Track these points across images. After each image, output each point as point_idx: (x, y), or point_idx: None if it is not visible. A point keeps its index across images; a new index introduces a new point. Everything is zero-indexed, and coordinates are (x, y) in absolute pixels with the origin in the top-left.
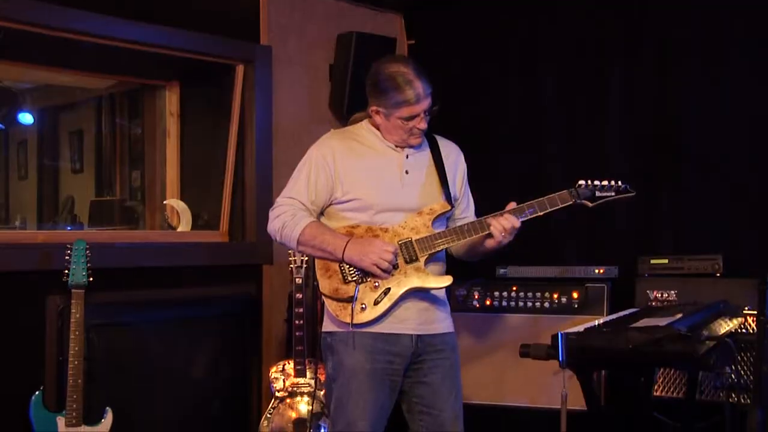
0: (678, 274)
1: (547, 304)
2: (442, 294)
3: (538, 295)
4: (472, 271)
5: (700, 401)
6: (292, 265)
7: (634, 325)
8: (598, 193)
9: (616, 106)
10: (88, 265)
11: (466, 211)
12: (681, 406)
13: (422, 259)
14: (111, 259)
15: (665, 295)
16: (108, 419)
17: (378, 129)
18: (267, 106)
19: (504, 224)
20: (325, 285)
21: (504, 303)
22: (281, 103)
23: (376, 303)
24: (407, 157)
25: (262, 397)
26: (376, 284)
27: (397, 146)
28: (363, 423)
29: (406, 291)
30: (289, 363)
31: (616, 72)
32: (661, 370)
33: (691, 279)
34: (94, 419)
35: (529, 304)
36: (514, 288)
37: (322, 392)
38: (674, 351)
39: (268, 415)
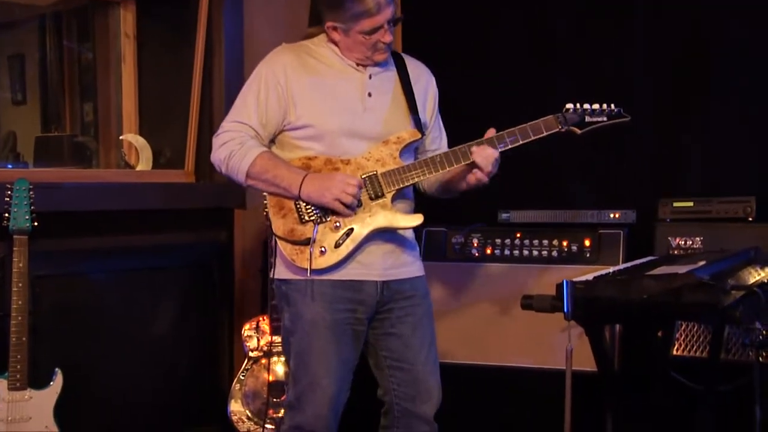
0: (704, 218)
1: (555, 253)
2: (410, 235)
3: (545, 242)
4: (470, 216)
5: (726, 361)
6: (267, 209)
7: (650, 273)
8: (588, 118)
9: (640, 27)
10: (32, 207)
11: (437, 142)
12: (703, 366)
13: (389, 196)
14: (59, 202)
15: (689, 242)
16: (57, 382)
17: (337, 46)
18: (237, 27)
19: (487, 153)
20: (278, 225)
21: (506, 251)
22: (254, 24)
23: (337, 246)
24: (370, 77)
25: (234, 357)
26: (337, 224)
27: (359, 64)
28: (327, 380)
29: (371, 231)
30: (264, 319)
31: None
32: (682, 326)
33: (720, 224)
34: (41, 382)
35: (535, 252)
36: (518, 235)
37: None
38: (695, 302)
39: (241, 377)
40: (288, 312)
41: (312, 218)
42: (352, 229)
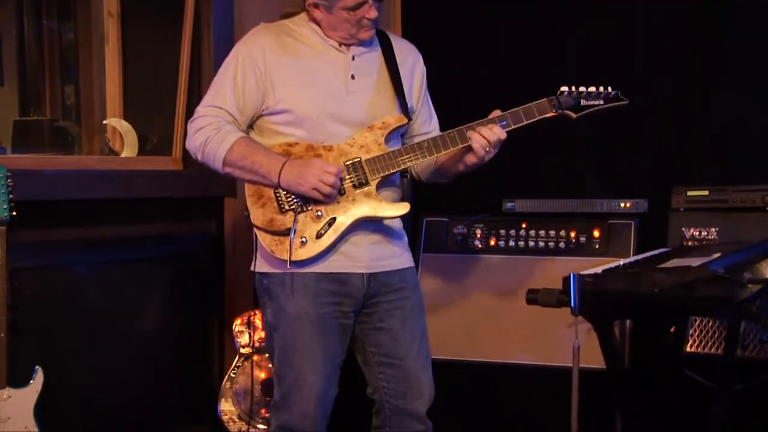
0: (720, 207)
1: (562, 244)
2: (397, 224)
3: (552, 233)
4: (473, 206)
5: (742, 358)
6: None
7: (662, 265)
8: (583, 102)
9: (650, 7)
10: (11, 196)
11: (427, 125)
12: (718, 363)
13: (374, 183)
14: (39, 190)
15: (704, 232)
16: (38, 380)
17: (318, 25)
18: (227, 5)
19: (486, 135)
20: (257, 215)
21: (511, 243)
22: (244, 3)
23: (318, 236)
24: (353, 58)
25: (225, 353)
26: (319, 213)
27: (342, 44)
28: (314, 377)
29: (354, 221)
30: (256, 314)
31: None
32: (696, 321)
33: (736, 214)
34: (21, 380)
35: (542, 244)
36: (524, 225)
37: None
38: (709, 296)
39: (232, 375)
40: (270, 307)
41: (292, 207)
42: (334, 219)
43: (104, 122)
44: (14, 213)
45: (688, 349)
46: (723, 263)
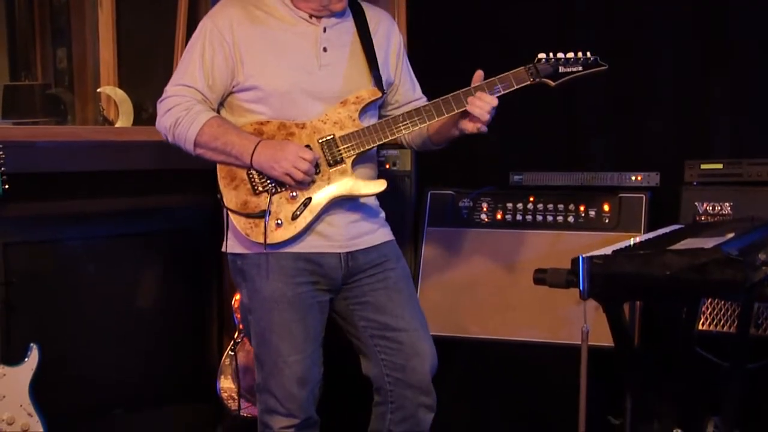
0: (735, 181)
1: (571, 219)
2: (373, 201)
3: (561, 207)
4: (479, 178)
5: (756, 336)
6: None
7: (674, 247)
8: (561, 69)
9: None
10: (2, 169)
11: (411, 93)
12: (731, 341)
13: (349, 161)
14: (31, 162)
15: (718, 207)
16: (33, 357)
17: None
18: None
19: (483, 104)
20: (230, 197)
21: (519, 217)
22: None
23: (294, 218)
24: (324, 30)
25: (224, 329)
26: (293, 194)
27: (312, 16)
28: (295, 357)
29: (330, 201)
30: None
31: None
32: (708, 299)
33: (752, 188)
34: (15, 358)
35: (550, 218)
36: (532, 199)
37: None
38: (721, 279)
39: (231, 352)
40: (245, 288)
41: (266, 188)
42: (309, 199)
43: (98, 90)
44: (6, 186)
45: (700, 327)
46: (736, 245)
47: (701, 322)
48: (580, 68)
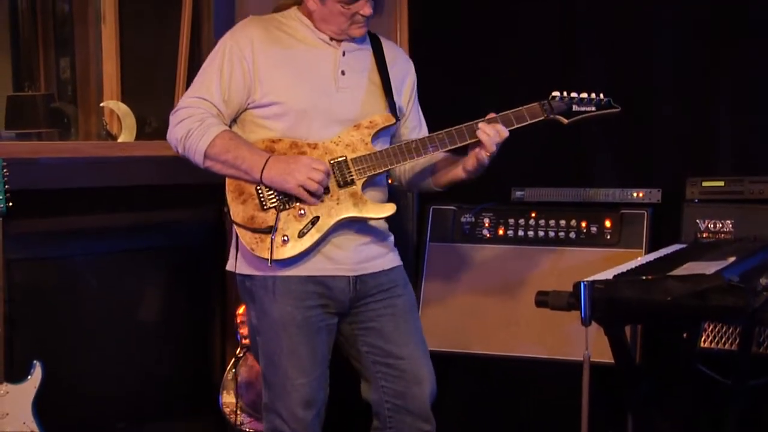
0: (736, 199)
1: (573, 234)
2: (382, 224)
3: (563, 223)
4: (481, 194)
5: (757, 354)
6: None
7: (675, 272)
8: (575, 108)
9: None
10: (6, 187)
11: (416, 132)
12: (733, 359)
13: (359, 183)
14: (35, 179)
15: (719, 225)
16: (36, 375)
17: (310, 18)
18: None
19: (493, 132)
20: (238, 212)
21: (520, 232)
22: None
23: (300, 235)
24: (344, 54)
25: (226, 345)
26: (302, 212)
27: (332, 39)
28: (302, 380)
29: (338, 221)
30: None
31: None
32: None
33: (753, 206)
34: (19, 375)
35: (552, 233)
36: (533, 214)
37: None
38: (723, 305)
39: (233, 367)
40: (253, 309)
41: (274, 205)
42: (317, 218)
43: (101, 105)
44: (10, 204)
45: (702, 344)
46: (737, 270)
47: (703, 339)
48: (594, 108)
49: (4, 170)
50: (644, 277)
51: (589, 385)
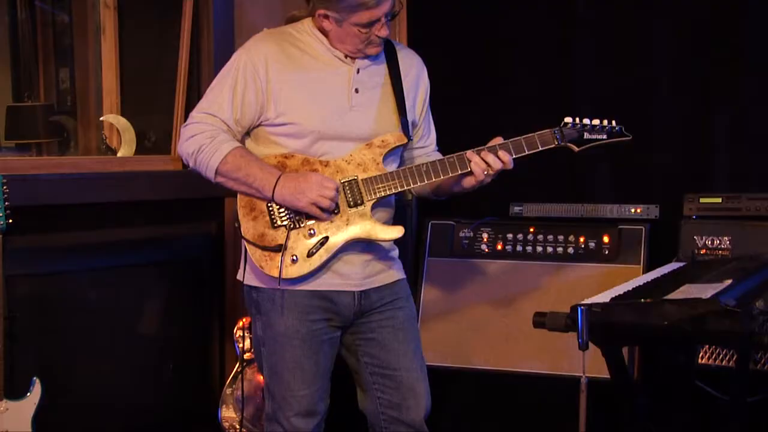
0: (734, 216)
1: (571, 250)
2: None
3: (561, 238)
4: (479, 209)
5: (755, 371)
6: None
7: (671, 296)
8: (586, 135)
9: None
10: (6, 203)
11: (425, 140)
12: (731, 375)
13: (369, 204)
14: (35, 195)
15: (717, 241)
16: (35, 391)
17: (324, 34)
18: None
19: (490, 161)
20: (248, 228)
21: (519, 248)
22: None
23: (309, 255)
24: (358, 71)
25: (225, 359)
26: (312, 231)
27: (347, 56)
28: (305, 392)
29: (346, 241)
30: None
31: None
32: None
33: (750, 223)
34: (18, 392)
35: (550, 249)
36: (532, 229)
37: None
38: (719, 329)
39: (233, 381)
40: (259, 320)
41: (284, 223)
42: (326, 238)
43: (101, 119)
44: (11, 221)
45: (699, 361)
46: (733, 294)
47: (701, 355)
48: (605, 136)
49: (4, 187)
50: (641, 300)
51: (587, 407)
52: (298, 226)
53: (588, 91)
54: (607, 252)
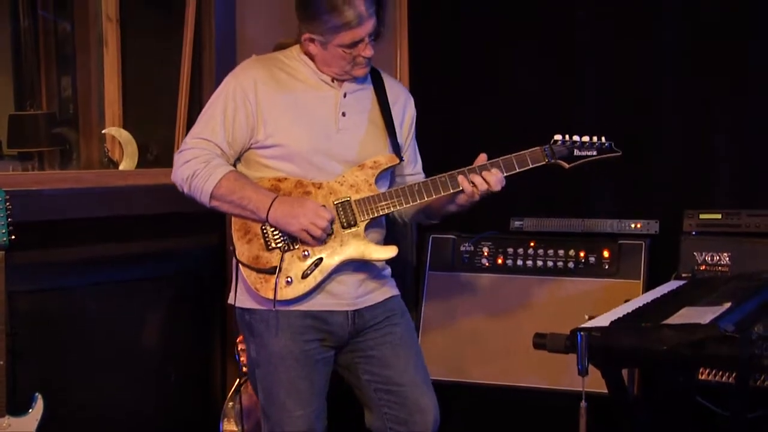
0: (734, 232)
1: (571, 265)
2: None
3: (561, 253)
4: (480, 223)
5: (755, 388)
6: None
7: (670, 320)
8: (576, 152)
9: (669, 11)
10: (9, 220)
11: (411, 167)
12: (731, 391)
13: (362, 225)
14: (37, 210)
15: (716, 257)
16: (38, 408)
17: (312, 60)
18: (229, 11)
19: (477, 183)
20: (243, 251)
21: (519, 262)
22: (247, 8)
23: (304, 276)
24: (345, 95)
25: (227, 372)
26: (306, 253)
27: (334, 79)
28: (301, 412)
29: (341, 263)
30: None
31: None
32: None
33: (750, 239)
34: (20, 408)
35: (550, 263)
36: (532, 244)
37: None
38: (718, 354)
39: (234, 395)
40: (253, 343)
41: (279, 245)
42: (321, 259)
43: (103, 132)
44: (13, 237)
45: (700, 377)
46: (732, 318)
47: (701, 372)
48: (595, 153)
49: (7, 203)
50: (641, 324)
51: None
52: (292, 248)
53: (587, 108)
54: (607, 267)
